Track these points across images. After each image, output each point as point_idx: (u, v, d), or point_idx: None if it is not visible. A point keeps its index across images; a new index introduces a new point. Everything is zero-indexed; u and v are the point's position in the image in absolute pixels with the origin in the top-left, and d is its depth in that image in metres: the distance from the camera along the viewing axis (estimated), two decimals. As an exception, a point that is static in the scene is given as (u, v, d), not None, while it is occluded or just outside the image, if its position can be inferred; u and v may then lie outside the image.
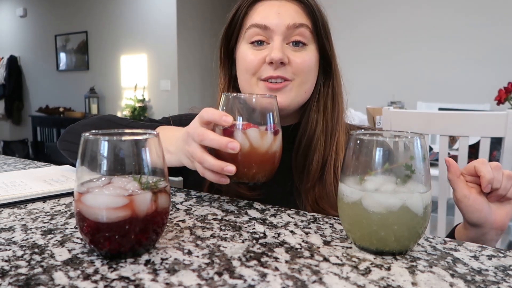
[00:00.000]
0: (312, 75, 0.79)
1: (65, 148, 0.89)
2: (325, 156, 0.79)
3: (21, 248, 0.46)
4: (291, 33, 0.76)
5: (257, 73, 0.77)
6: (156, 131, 0.47)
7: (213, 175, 0.60)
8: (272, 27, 0.75)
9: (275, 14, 0.76)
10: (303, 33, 0.76)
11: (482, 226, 0.66)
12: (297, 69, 0.76)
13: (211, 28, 5.32)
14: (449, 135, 1.42)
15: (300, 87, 0.77)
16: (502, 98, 1.93)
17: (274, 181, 0.83)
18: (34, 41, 6.43)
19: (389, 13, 3.83)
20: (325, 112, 0.81)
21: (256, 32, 0.77)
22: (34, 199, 0.68)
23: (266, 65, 0.76)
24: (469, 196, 0.64)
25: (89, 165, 0.44)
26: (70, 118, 5.66)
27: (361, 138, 0.47)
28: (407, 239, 0.46)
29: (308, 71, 0.77)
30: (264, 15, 0.76)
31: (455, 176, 0.65)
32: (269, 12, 0.76)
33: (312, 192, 0.77)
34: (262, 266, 0.42)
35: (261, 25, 0.76)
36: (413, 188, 0.45)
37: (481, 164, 0.64)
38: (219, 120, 0.58)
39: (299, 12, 0.77)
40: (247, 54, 0.78)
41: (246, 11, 0.80)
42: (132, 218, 0.42)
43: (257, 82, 0.78)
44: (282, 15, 0.75)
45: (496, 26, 3.35)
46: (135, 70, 5.31)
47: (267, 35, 0.76)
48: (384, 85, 3.79)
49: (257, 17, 0.77)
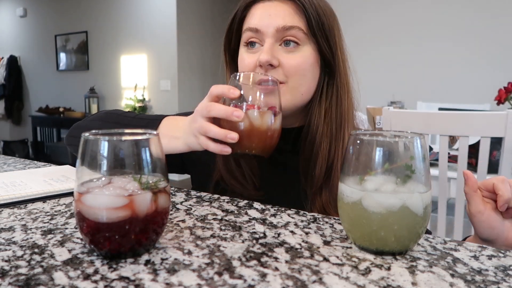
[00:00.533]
0: (308, 77, 0.76)
1: (71, 143, 0.89)
2: (329, 160, 0.76)
3: (21, 248, 0.46)
4: (282, 35, 0.74)
5: None
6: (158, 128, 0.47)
7: (216, 146, 0.64)
8: (263, 29, 0.74)
9: (266, 16, 0.75)
10: (294, 35, 0.74)
11: (493, 242, 0.65)
12: (289, 71, 0.74)
13: (211, 28, 5.32)
14: (449, 135, 1.42)
15: (295, 89, 0.75)
16: (502, 98, 1.93)
17: (281, 183, 0.83)
18: (34, 41, 6.43)
19: (389, 13, 3.83)
20: (327, 115, 0.78)
21: (250, 35, 0.77)
22: (34, 199, 0.68)
23: (259, 68, 0.75)
24: (483, 211, 0.63)
25: (89, 165, 0.44)
26: (70, 118, 5.67)
27: (361, 138, 0.47)
28: (407, 239, 0.46)
29: (302, 72, 0.75)
30: (257, 18, 0.76)
31: (472, 190, 0.64)
32: (262, 14, 0.76)
33: (319, 197, 0.76)
34: (262, 266, 0.42)
35: (253, 28, 0.75)
36: (413, 188, 0.45)
37: (500, 182, 0.63)
38: (228, 92, 0.63)
39: (291, 13, 0.74)
40: (244, 58, 0.78)
41: (242, 14, 0.80)
42: (132, 218, 0.42)
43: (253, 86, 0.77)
44: (272, 17, 0.74)
45: (496, 26, 3.35)
46: (135, 70, 5.31)
47: (260, 38, 0.76)
48: (384, 85, 3.79)
49: (251, 20, 0.77)
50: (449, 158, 1.67)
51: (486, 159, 1.35)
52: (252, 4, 0.79)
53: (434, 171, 1.47)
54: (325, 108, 0.78)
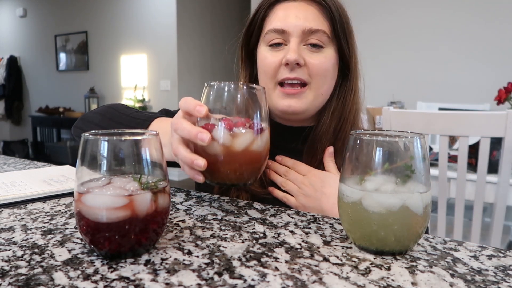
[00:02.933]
0: (329, 77, 0.78)
1: (77, 135, 0.89)
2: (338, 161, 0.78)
3: (21, 248, 0.46)
4: (307, 36, 0.75)
5: (275, 77, 0.77)
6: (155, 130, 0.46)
7: (189, 171, 0.56)
8: (289, 30, 0.75)
9: (292, 17, 0.75)
10: (319, 38, 0.76)
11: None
12: (313, 71, 0.76)
13: (211, 28, 5.32)
14: (449, 135, 1.42)
15: (317, 90, 0.77)
16: (502, 98, 1.92)
17: None
18: (34, 41, 6.43)
19: (389, 13, 3.83)
20: (336, 114, 0.80)
21: (275, 36, 0.77)
22: (34, 199, 0.68)
23: (283, 66, 0.76)
24: None
25: (89, 165, 0.44)
26: (70, 118, 5.67)
27: (361, 138, 0.47)
28: (407, 239, 0.46)
29: (325, 73, 0.77)
30: (282, 19, 0.76)
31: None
32: (287, 15, 0.76)
33: None
34: (262, 266, 0.42)
35: (279, 29, 0.76)
36: (413, 188, 0.45)
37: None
38: (192, 109, 0.54)
39: (317, 15, 0.76)
40: (266, 57, 0.78)
41: (265, 13, 0.80)
42: (132, 218, 0.42)
43: (275, 87, 0.78)
44: (299, 19, 0.75)
45: (496, 26, 3.35)
46: (135, 70, 5.31)
47: (285, 38, 0.76)
48: (384, 85, 3.79)
49: (276, 21, 0.77)
50: (449, 158, 1.67)
51: (486, 159, 1.35)
52: (276, 3, 0.79)
53: (434, 171, 1.47)
54: (338, 108, 0.81)
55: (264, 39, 0.79)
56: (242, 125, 0.55)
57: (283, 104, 0.77)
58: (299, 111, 0.77)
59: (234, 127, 0.54)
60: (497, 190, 1.39)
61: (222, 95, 0.56)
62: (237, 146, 0.53)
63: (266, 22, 0.80)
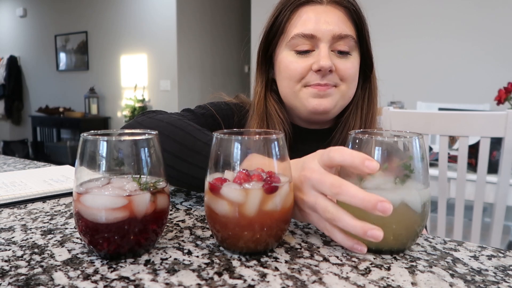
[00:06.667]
0: (355, 81, 0.80)
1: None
2: None
3: (21, 248, 0.46)
4: (336, 41, 0.75)
5: (301, 80, 0.77)
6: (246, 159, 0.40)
7: (346, 239, 0.46)
8: (319, 35, 0.74)
9: (321, 22, 0.74)
10: (347, 43, 0.76)
11: None
12: (343, 76, 0.76)
13: (211, 28, 5.32)
14: (449, 135, 1.42)
15: (346, 93, 0.78)
16: (502, 98, 1.92)
17: None
18: (34, 41, 6.43)
19: (388, 13, 3.83)
20: (357, 115, 0.82)
21: (302, 41, 0.75)
22: (34, 199, 0.68)
23: (312, 72, 0.75)
24: None
25: (88, 165, 0.44)
26: (70, 118, 5.67)
27: (360, 138, 0.47)
28: (405, 237, 0.46)
29: (353, 77, 0.78)
30: (309, 23, 0.75)
31: None
32: (315, 19, 0.75)
33: None
34: (262, 266, 0.42)
35: (308, 34, 0.75)
36: (411, 187, 0.45)
37: None
38: (361, 165, 0.42)
39: (345, 20, 0.76)
40: (291, 62, 0.77)
41: (289, 16, 0.78)
42: (131, 219, 0.42)
43: (302, 89, 0.77)
44: (329, 23, 0.74)
45: (496, 26, 3.35)
46: (135, 70, 5.31)
47: (313, 43, 0.75)
48: (384, 85, 3.79)
49: (302, 26, 0.75)
50: (449, 158, 1.67)
51: (486, 159, 1.35)
52: (301, 6, 0.77)
53: (434, 171, 1.47)
54: (360, 109, 0.83)
55: (289, 44, 0.77)
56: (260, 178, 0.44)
57: (313, 103, 0.76)
58: (329, 109, 0.76)
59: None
60: (497, 190, 1.39)
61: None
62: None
63: (289, 26, 0.77)
